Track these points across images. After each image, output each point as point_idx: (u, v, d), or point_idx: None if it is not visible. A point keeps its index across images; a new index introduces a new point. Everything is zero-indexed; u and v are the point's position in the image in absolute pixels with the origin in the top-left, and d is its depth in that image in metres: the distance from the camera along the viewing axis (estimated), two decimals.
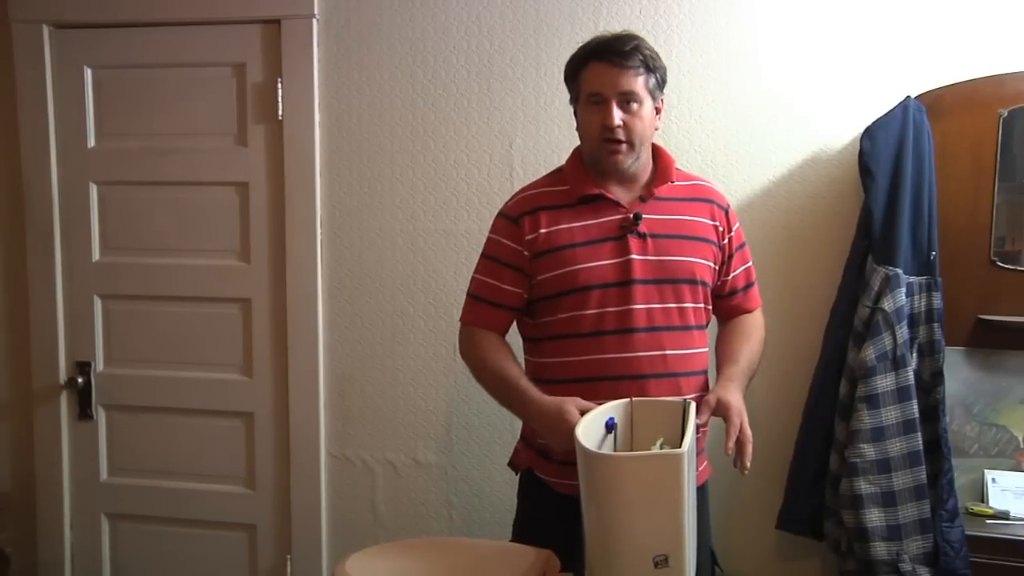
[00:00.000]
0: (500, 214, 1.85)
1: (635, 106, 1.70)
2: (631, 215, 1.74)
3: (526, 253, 1.77)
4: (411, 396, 2.54)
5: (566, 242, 1.74)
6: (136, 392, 2.69)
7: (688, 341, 1.76)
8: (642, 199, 1.77)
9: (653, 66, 1.71)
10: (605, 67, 1.69)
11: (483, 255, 1.85)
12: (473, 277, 1.86)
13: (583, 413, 1.58)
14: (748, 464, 1.62)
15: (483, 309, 1.83)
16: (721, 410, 1.64)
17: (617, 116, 1.69)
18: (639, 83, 1.69)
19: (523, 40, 2.41)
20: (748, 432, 1.63)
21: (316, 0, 2.48)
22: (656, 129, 1.78)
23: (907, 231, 2.07)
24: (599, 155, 1.74)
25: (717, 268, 1.82)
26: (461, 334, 1.87)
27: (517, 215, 1.80)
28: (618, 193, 1.77)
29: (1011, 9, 2.19)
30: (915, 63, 2.22)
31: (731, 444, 1.61)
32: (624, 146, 1.71)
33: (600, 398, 1.61)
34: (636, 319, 1.71)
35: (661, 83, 1.75)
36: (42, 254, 2.66)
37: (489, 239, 1.84)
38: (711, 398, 1.66)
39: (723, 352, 1.83)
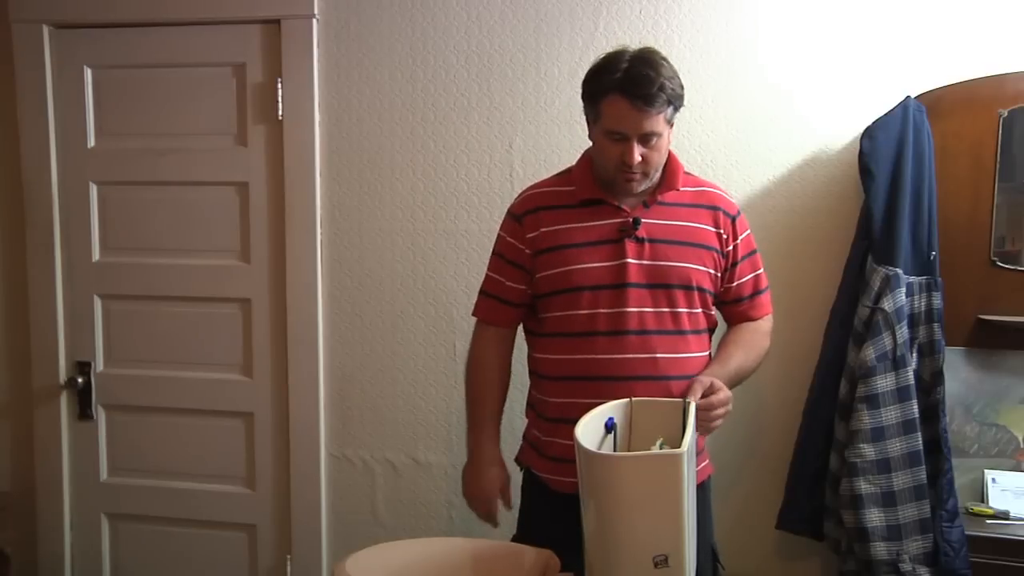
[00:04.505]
0: (508, 211, 1.89)
1: (655, 140, 1.69)
2: (630, 219, 1.75)
3: (527, 251, 1.81)
4: (411, 396, 2.54)
5: (564, 242, 1.77)
6: (136, 392, 2.69)
7: (682, 345, 1.76)
8: (645, 204, 1.78)
9: (674, 97, 1.68)
10: (628, 107, 1.65)
11: (493, 251, 1.91)
12: (485, 273, 1.92)
13: (497, 496, 1.86)
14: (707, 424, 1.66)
15: (491, 305, 1.89)
16: (713, 389, 1.66)
17: (637, 154, 1.68)
18: (660, 120, 1.67)
19: (523, 40, 2.41)
20: (721, 409, 1.66)
21: (316, 0, 2.48)
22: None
23: (907, 231, 2.07)
24: (614, 181, 1.75)
25: (719, 275, 1.82)
26: (474, 327, 1.95)
27: (520, 213, 1.84)
28: (621, 198, 1.78)
29: (1011, 9, 2.19)
30: (915, 63, 2.22)
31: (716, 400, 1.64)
32: (640, 175, 1.72)
33: (589, 397, 1.62)
34: (627, 322, 1.73)
35: (679, 106, 1.72)
36: (42, 254, 2.66)
37: (499, 236, 1.90)
38: (704, 379, 1.68)
39: (718, 354, 1.84)
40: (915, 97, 2.14)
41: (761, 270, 1.90)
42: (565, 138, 2.36)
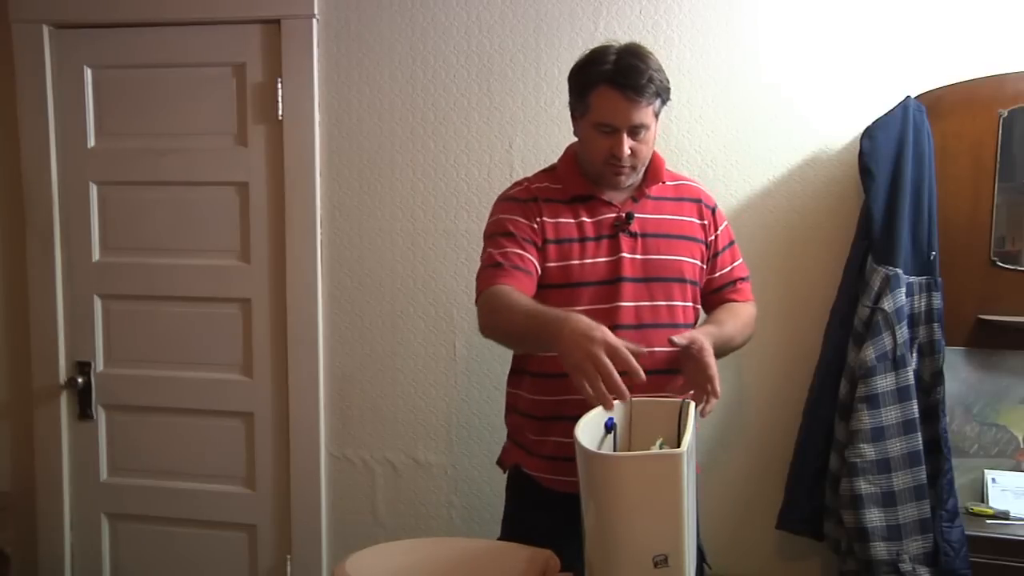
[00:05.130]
0: (509, 199, 1.81)
1: (643, 133, 1.70)
2: (623, 214, 1.75)
3: (539, 232, 1.75)
4: (411, 396, 2.54)
5: (564, 236, 1.75)
6: (136, 392, 2.69)
7: None
8: (633, 199, 1.78)
9: (662, 89, 1.69)
10: (618, 98, 1.66)
11: (499, 234, 1.75)
12: (488, 253, 1.75)
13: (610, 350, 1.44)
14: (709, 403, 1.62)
15: (506, 272, 1.68)
16: (695, 347, 1.62)
17: (627, 147, 1.68)
18: (649, 112, 1.68)
19: (523, 40, 2.41)
20: (713, 369, 1.62)
21: (316, 0, 2.48)
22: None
23: (907, 231, 2.07)
24: (602, 174, 1.75)
25: (704, 266, 1.83)
26: (480, 305, 1.71)
27: (524, 199, 1.79)
28: (610, 193, 1.78)
29: (1011, 9, 2.19)
30: (915, 63, 2.22)
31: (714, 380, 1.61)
32: (628, 168, 1.73)
33: (584, 394, 1.60)
34: (623, 316, 1.72)
35: (666, 99, 1.72)
36: (42, 254, 2.66)
37: (501, 219, 1.77)
38: (687, 334, 1.65)
39: (711, 318, 1.83)
40: (915, 97, 2.14)
41: (740, 260, 1.91)
42: (565, 138, 2.34)
